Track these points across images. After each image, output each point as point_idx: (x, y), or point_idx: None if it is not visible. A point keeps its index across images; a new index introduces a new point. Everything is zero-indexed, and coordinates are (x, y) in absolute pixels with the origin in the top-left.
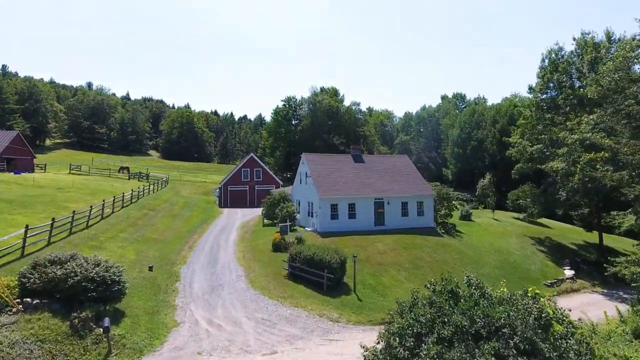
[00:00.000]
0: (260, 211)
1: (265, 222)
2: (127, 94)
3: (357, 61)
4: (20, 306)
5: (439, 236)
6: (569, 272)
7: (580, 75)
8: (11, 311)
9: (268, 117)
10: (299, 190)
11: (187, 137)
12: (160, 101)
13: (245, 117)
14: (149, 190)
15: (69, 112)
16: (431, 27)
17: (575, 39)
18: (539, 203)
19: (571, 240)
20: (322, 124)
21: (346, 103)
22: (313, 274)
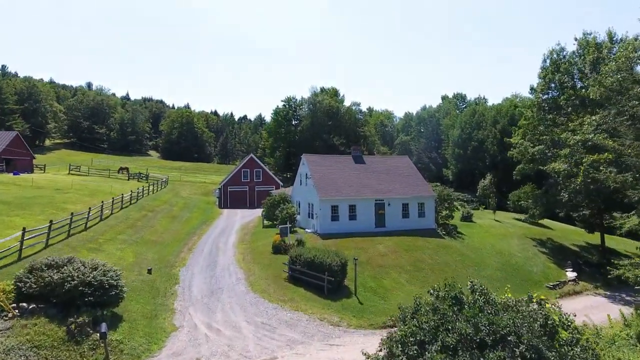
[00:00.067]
0: (260, 212)
1: (265, 224)
2: (127, 94)
3: (357, 61)
4: (16, 311)
5: (440, 238)
6: (571, 274)
7: (582, 75)
8: (7, 316)
9: (268, 117)
10: (299, 192)
11: (187, 138)
12: (160, 101)
13: (245, 117)
14: (148, 191)
15: (68, 113)
16: (431, 27)
17: (576, 39)
18: (541, 204)
19: (573, 242)
20: (322, 124)
21: (346, 103)
22: (313, 277)
